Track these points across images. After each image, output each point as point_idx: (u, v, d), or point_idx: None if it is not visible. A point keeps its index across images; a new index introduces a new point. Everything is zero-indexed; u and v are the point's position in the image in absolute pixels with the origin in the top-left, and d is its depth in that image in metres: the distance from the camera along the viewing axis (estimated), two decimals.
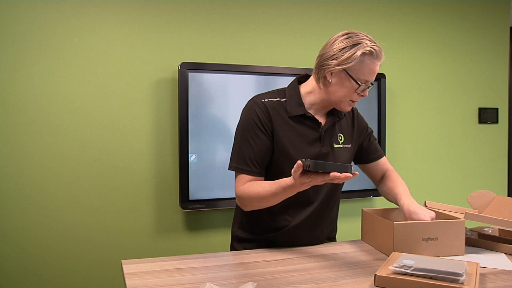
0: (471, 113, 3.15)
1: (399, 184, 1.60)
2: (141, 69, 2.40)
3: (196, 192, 2.42)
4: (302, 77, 1.58)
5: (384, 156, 1.72)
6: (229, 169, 1.50)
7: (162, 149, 2.44)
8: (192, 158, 2.41)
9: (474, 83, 3.15)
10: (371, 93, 2.80)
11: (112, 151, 2.36)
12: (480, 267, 1.31)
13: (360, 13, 2.84)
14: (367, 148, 1.67)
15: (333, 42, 1.45)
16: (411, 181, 3.00)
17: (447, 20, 3.06)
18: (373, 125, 2.81)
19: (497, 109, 3.19)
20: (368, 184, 2.80)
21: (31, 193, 2.24)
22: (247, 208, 1.47)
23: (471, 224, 1.64)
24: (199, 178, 2.42)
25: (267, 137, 1.46)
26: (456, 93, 3.11)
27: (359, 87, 1.43)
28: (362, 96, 1.47)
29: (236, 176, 1.49)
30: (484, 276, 1.25)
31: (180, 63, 2.38)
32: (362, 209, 1.63)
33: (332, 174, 1.20)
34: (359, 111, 1.69)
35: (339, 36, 1.45)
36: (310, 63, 2.67)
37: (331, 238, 1.67)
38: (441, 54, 3.06)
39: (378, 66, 1.45)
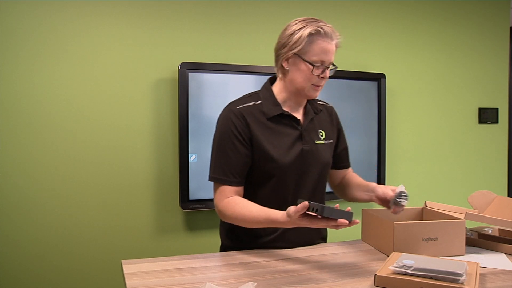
0: (471, 113, 3.15)
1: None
2: (141, 69, 2.39)
3: (196, 192, 2.42)
4: (274, 78, 1.57)
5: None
6: (209, 180, 1.48)
7: (162, 149, 2.44)
8: (192, 158, 2.41)
9: (474, 83, 3.15)
10: (371, 93, 2.80)
11: (112, 151, 2.36)
12: (480, 267, 1.31)
13: (360, 13, 2.84)
14: (341, 152, 1.68)
15: (283, 31, 1.46)
16: (411, 181, 3.00)
17: (447, 20, 3.06)
18: (373, 125, 2.82)
19: (497, 109, 3.19)
20: None
21: (31, 192, 2.24)
22: (227, 221, 1.47)
23: (471, 224, 1.64)
24: (199, 178, 2.42)
25: (245, 147, 1.44)
26: (456, 93, 3.11)
27: (313, 68, 1.41)
28: (323, 78, 1.45)
29: (216, 188, 1.47)
30: (484, 276, 1.25)
31: (180, 63, 2.38)
32: (362, 209, 1.63)
33: (340, 220, 1.20)
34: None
35: (288, 24, 1.45)
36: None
37: (324, 238, 1.66)
38: (441, 54, 3.06)
39: (332, 45, 1.43)
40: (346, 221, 1.20)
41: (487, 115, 3.17)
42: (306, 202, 1.20)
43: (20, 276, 2.23)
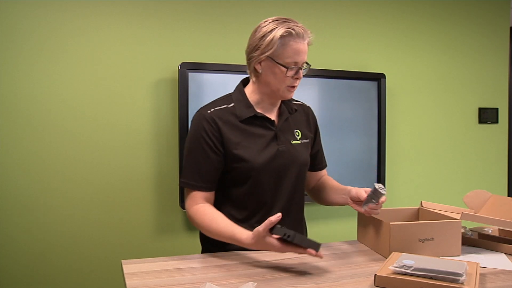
0: (471, 113, 3.15)
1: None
2: (141, 69, 2.40)
3: None
4: (246, 80, 1.57)
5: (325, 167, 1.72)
6: (180, 185, 1.49)
7: (162, 149, 2.44)
8: None
9: (474, 83, 3.15)
10: (371, 93, 2.80)
11: (112, 151, 2.36)
12: (480, 267, 1.31)
13: (360, 13, 2.84)
14: (316, 153, 1.65)
15: (254, 33, 1.44)
16: (411, 181, 3.00)
17: (447, 20, 3.06)
18: (373, 125, 2.82)
19: (497, 109, 3.19)
20: (368, 184, 2.79)
21: (32, 192, 2.24)
22: (196, 227, 1.48)
23: (471, 224, 1.64)
24: None
25: (215, 153, 1.44)
26: (456, 93, 3.11)
27: (287, 70, 1.40)
28: (297, 78, 1.44)
29: (187, 193, 1.48)
30: (484, 276, 1.25)
31: (180, 63, 2.38)
32: None
33: (309, 250, 1.22)
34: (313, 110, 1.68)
35: (258, 26, 1.43)
36: (311, 63, 2.67)
37: None
38: (441, 54, 3.06)
39: (305, 45, 1.41)
40: (314, 252, 1.22)
41: (487, 115, 3.17)
42: (280, 214, 1.22)
43: (20, 274, 2.23)
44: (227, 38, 2.55)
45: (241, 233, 1.32)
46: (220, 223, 1.38)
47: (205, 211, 1.42)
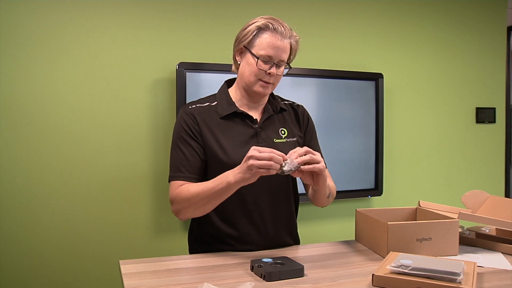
0: (469, 113, 3.16)
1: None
2: (139, 69, 2.39)
3: None
4: (231, 81, 1.58)
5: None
6: (168, 181, 1.48)
7: (161, 149, 2.44)
8: None
9: (471, 83, 3.16)
10: (369, 92, 2.81)
11: (110, 151, 2.35)
12: (478, 266, 1.31)
13: (359, 13, 2.84)
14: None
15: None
16: (409, 181, 3.01)
17: (445, 19, 3.06)
18: (371, 125, 2.82)
19: (494, 109, 3.20)
20: (366, 184, 2.81)
21: (31, 192, 2.23)
22: (181, 214, 1.44)
23: (469, 224, 1.65)
24: None
25: (197, 141, 1.45)
26: (454, 93, 3.11)
27: (258, 60, 1.41)
28: (270, 74, 1.43)
29: (170, 183, 1.47)
30: (481, 276, 1.25)
31: (177, 63, 2.38)
32: (356, 209, 1.63)
33: None
34: (308, 112, 1.65)
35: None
36: (309, 63, 2.68)
37: (296, 239, 1.62)
38: (438, 54, 3.06)
39: (284, 43, 1.42)
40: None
41: (484, 115, 3.17)
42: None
43: (18, 273, 2.22)
44: (225, 38, 2.54)
45: (228, 172, 1.31)
46: (205, 182, 1.37)
47: (189, 185, 1.41)
